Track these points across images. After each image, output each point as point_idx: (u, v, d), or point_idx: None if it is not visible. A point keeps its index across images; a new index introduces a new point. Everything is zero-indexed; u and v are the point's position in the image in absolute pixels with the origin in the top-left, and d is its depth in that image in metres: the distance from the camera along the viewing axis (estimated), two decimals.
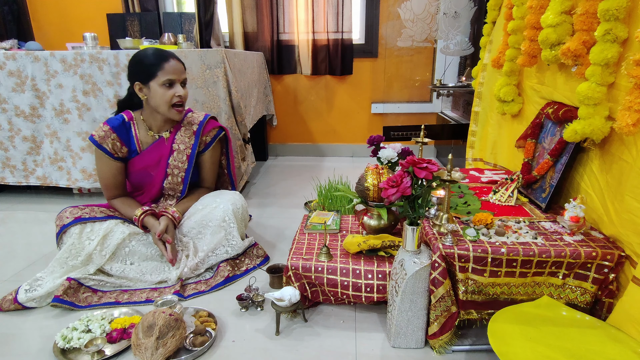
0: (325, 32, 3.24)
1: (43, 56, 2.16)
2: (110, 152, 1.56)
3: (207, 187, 1.77)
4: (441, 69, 3.23)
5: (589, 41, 1.16)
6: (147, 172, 1.64)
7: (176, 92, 1.52)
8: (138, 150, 1.62)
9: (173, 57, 1.53)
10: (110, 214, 1.57)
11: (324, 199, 2.08)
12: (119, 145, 1.57)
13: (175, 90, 1.52)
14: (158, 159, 1.63)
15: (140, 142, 1.62)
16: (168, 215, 1.56)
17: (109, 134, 1.55)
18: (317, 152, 3.61)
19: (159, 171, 1.64)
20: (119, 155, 1.59)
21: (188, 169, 1.66)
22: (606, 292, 1.06)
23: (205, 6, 3.03)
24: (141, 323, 1.12)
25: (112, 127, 1.55)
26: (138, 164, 1.62)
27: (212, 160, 1.73)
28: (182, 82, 1.55)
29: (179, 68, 1.53)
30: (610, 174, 1.13)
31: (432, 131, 2.48)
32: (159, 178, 1.64)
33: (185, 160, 1.64)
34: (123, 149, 1.59)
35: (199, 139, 1.66)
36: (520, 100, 1.70)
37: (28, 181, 2.38)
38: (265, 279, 1.52)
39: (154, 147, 1.62)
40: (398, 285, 1.12)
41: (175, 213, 1.58)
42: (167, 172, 1.64)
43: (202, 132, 1.66)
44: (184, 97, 1.55)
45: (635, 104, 0.95)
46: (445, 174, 1.14)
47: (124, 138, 1.59)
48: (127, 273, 1.48)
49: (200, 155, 1.70)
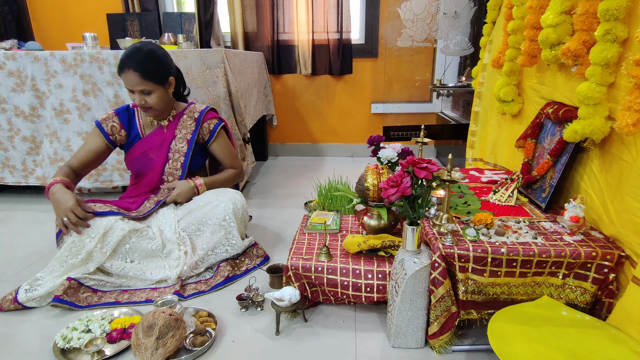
0: (325, 32, 3.24)
1: (43, 56, 2.16)
2: (106, 132, 1.65)
3: (232, 167, 1.83)
4: (441, 69, 3.23)
5: (589, 41, 1.16)
6: (148, 155, 1.69)
7: (134, 99, 1.56)
8: (141, 135, 1.70)
9: (130, 68, 1.51)
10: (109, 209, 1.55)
11: (324, 199, 2.08)
12: (117, 128, 1.67)
13: (134, 96, 1.56)
14: (160, 142, 1.69)
15: (143, 127, 1.71)
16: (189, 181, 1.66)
17: (111, 117, 1.67)
18: (317, 152, 3.61)
19: (160, 155, 1.69)
20: (114, 139, 1.68)
21: (187, 152, 1.70)
22: (606, 292, 1.06)
23: (205, 6, 3.04)
24: (141, 323, 1.12)
25: (116, 112, 1.69)
26: (140, 147, 1.69)
27: (222, 145, 1.79)
28: (140, 92, 1.55)
29: (132, 80, 1.52)
30: (610, 174, 1.13)
31: (432, 131, 2.48)
32: (160, 162, 1.69)
33: (185, 144, 1.70)
34: (122, 132, 1.68)
35: (200, 126, 1.73)
36: (520, 100, 1.70)
37: (28, 181, 2.38)
38: (265, 279, 1.52)
39: (155, 132, 1.71)
40: (398, 285, 1.12)
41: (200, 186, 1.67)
42: (168, 156, 1.69)
43: (202, 119, 1.73)
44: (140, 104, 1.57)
45: (635, 104, 0.95)
46: (445, 174, 1.14)
47: (125, 122, 1.69)
48: (127, 271, 1.47)
49: (209, 146, 1.77)
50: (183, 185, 1.66)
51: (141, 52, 1.54)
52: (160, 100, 1.59)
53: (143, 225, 1.56)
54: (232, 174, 1.81)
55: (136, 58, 1.52)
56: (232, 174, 1.81)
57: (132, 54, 1.53)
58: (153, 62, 1.55)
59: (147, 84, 1.54)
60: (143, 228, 1.55)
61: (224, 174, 1.79)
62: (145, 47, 1.57)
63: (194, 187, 1.66)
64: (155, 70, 1.56)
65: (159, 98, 1.58)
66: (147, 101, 1.57)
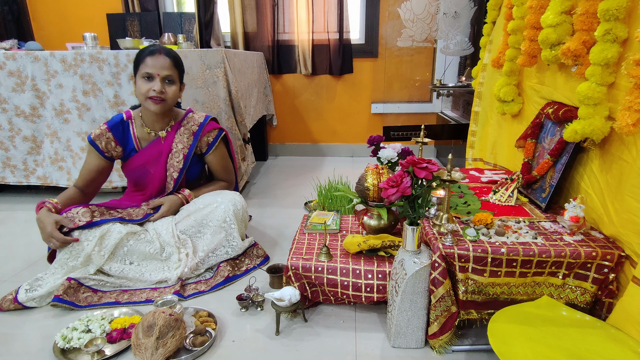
0: (325, 32, 3.24)
1: (43, 56, 2.16)
2: (101, 150, 1.62)
3: (223, 181, 1.82)
4: (441, 69, 3.23)
5: (589, 41, 1.16)
6: (145, 168, 1.66)
7: (152, 87, 1.52)
8: (136, 148, 1.66)
9: (161, 52, 1.53)
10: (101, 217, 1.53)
11: (324, 199, 2.08)
12: (113, 145, 1.63)
13: (152, 84, 1.52)
14: (157, 155, 1.65)
15: (139, 140, 1.66)
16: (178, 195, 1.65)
17: (104, 133, 1.61)
18: (317, 152, 3.61)
19: (157, 168, 1.66)
20: (110, 155, 1.65)
21: (182, 168, 1.68)
22: (606, 292, 1.06)
23: (205, 6, 3.04)
24: (141, 323, 1.12)
25: (109, 126, 1.62)
26: (137, 161, 1.66)
27: (218, 158, 1.76)
28: (164, 78, 1.53)
29: (160, 63, 1.52)
30: (610, 174, 1.13)
31: (432, 131, 2.48)
32: (158, 175, 1.66)
33: (181, 160, 1.67)
34: (117, 149, 1.64)
35: (198, 140, 1.69)
36: (520, 100, 1.70)
37: (28, 181, 2.38)
38: (265, 279, 1.52)
39: (152, 144, 1.66)
40: (398, 285, 1.12)
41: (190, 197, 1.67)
42: (166, 169, 1.67)
43: (201, 133, 1.69)
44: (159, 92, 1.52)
45: (635, 104, 0.95)
46: (445, 174, 1.14)
47: (120, 137, 1.63)
48: (127, 273, 1.48)
49: (206, 157, 1.75)
50: (172, 202, 1.63)
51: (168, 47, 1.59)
52: (175, 95, 1.59)
53: (140, 228, 1.56)
54: (221, 187, 1.77)
55: (167, 48, 1.56)
56: (221, 187, 1.77)
57: (161, 46, 1.56)
58: (180, 59, 1.61)
59: (174, 72, 1.56)
60: (140, 231, 1.55)
61: (213, 187, 1.76)
62: None
63: (182, 201, 1.65)
64: (181, 66, 1.61)
65: (174, 93, 1.58)
66: (167, 90, 1.54)
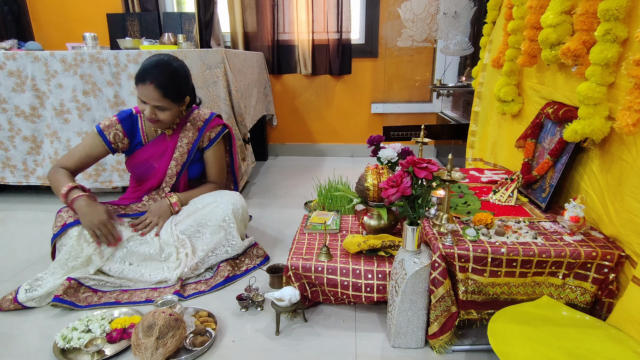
0: (325, 32, 3.24)
1: (43, 56, 2.16)
2: (108, 141, 1.61)
3: (214, 182, 1.78)
4: (441, 69, 3.23)
5: (589, 41, 1.16)
6: (149, 163, 1.68)
7: (144, 110, 1.50)
8: (143, 142, 1.68)
9: (151, 83, 1.45)
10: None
11: (324, 199, 2.08)
12: (120, 136, 1.63)
13: (145, 107, 1.50)
14: (163, 150, 1.67)
15: (146, 135, 1.68)
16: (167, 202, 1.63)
17: (114, 124, 1.62)
18: (317, 152, 3.61)
19: (162, 163, 1.67)
20: (116, 147, 1.64)
21: (185, 162, 1.69)
22: (606, 292, 1.06)
23: (205, 6, 3.04)
24: (141, 323, 1.12)
25: (119, 118, 1.63)
26: (142, 155, 1.67)
27: (215, 156, 1.75)
28: (154, 106, 1.49)
29: (148, 95, 1.46)
30: (610, 174, 1.13)
31: (432, 131, 2.48)
32: (162, 170, 1.68)
33: (185, 154, 1.68)
34: (124, 141, 1.64)
35: (202, 135, 1.70)
36: (520, 100, 1.70)
37: (28, 181, 2.38)
38: (265, 279, 1.52)
39: (158, 140, 1.68)
40: (398, 285, 1.12)
41: (176, 206, 1.64)
42: (170, 165, 1.67)
43: (206, 129, 1.70)
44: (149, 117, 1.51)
45: (635, 104, 0.95)
46: (445, 174, 1.14)
47: (128, 130, 1.64)
48: (127, 274, 1.48)
49: (204, 152, 1.74)
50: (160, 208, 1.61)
51: (167, 68, 1.50)
52: (171, 117, 1.56)
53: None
54: (209, 190, 1.72)
55: (161, 74, 1.47)
56: (209, 190, 1.72)
57: (158, 68, 1.48)
58: (176, 82, 1.52)
59: (165, 102, 1.50)
60: (139, 233, 1.56)
61: (202, 189, 1.72)
62: (172, 63, 1.52)
63: (169, 206, 1.63)
64: (176, 91, 1.52)
65: (171, 115, 1.55)
66: (158, 116, 1.52)
